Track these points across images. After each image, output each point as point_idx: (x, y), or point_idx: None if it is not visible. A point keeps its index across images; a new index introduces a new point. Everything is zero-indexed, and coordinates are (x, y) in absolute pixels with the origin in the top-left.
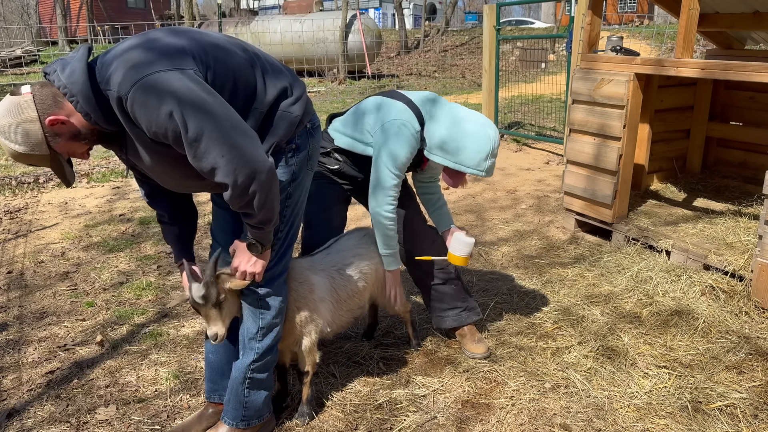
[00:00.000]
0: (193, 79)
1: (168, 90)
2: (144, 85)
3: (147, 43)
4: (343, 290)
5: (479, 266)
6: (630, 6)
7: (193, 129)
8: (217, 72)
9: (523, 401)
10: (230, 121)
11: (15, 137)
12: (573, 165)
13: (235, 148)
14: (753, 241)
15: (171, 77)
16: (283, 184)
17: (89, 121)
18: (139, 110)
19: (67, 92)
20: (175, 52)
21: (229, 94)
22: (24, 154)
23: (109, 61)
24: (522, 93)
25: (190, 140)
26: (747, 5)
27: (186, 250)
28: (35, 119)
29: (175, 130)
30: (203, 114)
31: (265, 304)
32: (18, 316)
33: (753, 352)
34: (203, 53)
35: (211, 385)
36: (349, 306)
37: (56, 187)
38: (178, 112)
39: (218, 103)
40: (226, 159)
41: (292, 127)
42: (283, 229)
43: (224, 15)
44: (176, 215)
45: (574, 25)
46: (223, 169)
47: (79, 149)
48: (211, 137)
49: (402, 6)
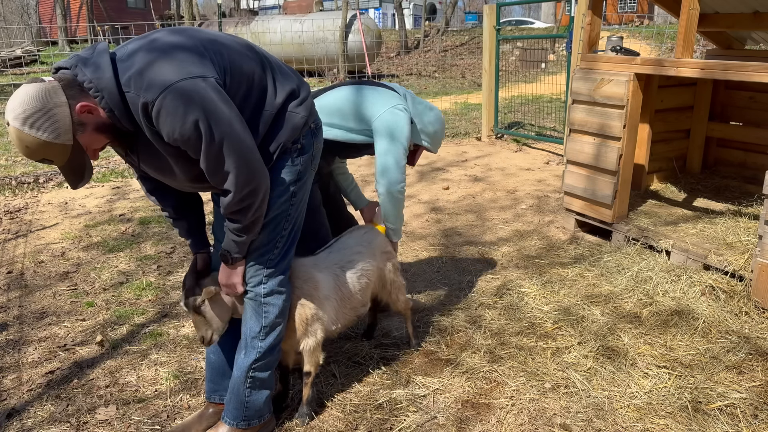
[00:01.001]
0: (215, 88)
1: (195, 99)
2: (172, 92)
3: (167, 47)
4: (346, 288)
5: (479, 266)
6: (630, 6)
7: (217, 139)
8: (232, 76)
9: (523, 401)
10: (245, 134)
11: (40, 123)
12: (573, 165)
13: (247, 161)
14: (753, 241)
15: (196, 86)
16: (288, 184)
17: (111, 118)
18: (165, 117)
19: (92, 87)
20: (197, 59)
21: (242, 98)
22: (47, 144)
23: (130, 62)
24: (522, 93)
25: (212, 149)
26: (747, 5)
27: (201, 239)
28: (65, 104)
29: (197, 138)
30: (224, 125)
31: (268, 303)
32: (18, 316)
33: (753, 352)
34: (220, 57)
35: (211, 386)
36: (352, 304)
37: (56, 187)
38: (204, 122)
39: (234, 114)
40: (238, 170)
41: (298, 128)
42: (287, 227)
43: (224, 15)
44: (181, 209)
45: (574, 25)
46: (232, 179)
47: (98, 144)
48: (229, 148)
49: (402, 6)
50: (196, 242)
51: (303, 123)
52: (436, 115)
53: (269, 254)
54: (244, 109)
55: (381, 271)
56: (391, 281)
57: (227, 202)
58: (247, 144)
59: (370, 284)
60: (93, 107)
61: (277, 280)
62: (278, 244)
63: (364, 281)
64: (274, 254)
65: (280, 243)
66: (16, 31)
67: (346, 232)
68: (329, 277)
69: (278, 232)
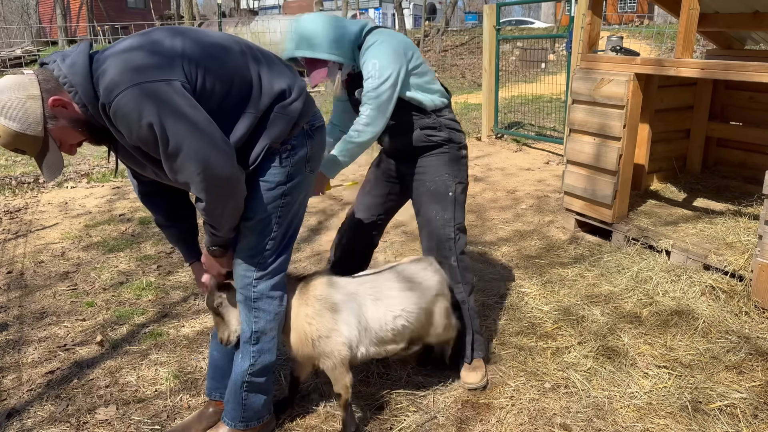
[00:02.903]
0: (178, 92)
1: (150, 102)
2: (125, 96)
3: (140, 47)
4: (375, 323)
5: (479, 266)
6: (630, 6)
7: (172, 144)
8: (212, 74)
9: (523, 401)
10: (209, 137)
11: (12, 113)
12: (573, 165)
13: (210, 167)
14: (753, 241)
15: (154, 89)
16: (277, 185)
17: (85, 114)
18: (121, 120)
19: (66, 82)
20: (165, 61)
21: (221, 96)
22: (17, 134)
23: (104, 60)
24: (522, 93)
25: (168, 154)
26: (747, 5)
27: (193, 249)
28: (37, 97)
29: (154, 141)
30: (183, 129)
31: (258, 307)
32: (18, 316)
33: (753, 352)
34: (199, 55)
35: (212, 383)
36: (381, 339)
37: (56, 187)
38: (158, 125)
39: (201, 118)
40: (201, 177)
41: (287, 128)
42: (277, 230)
43: (224, 15)
44: (173, 215)
45: (574, 25)
46: (197, 186)
47: (73, 139)
48: (188, 154)
49: (402, 6)
50: (188, 251)
51: (292, 123)
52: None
53: (258, 257)
54: (223, 111)
55: (429, 316)
56: (443, 325)
57: (201, 209)
58: (213, 149)
59: (410, 327)
60: (67, 102)
61: (268, 284)
62: (268, 246)
63: (400, 324)
64: (263, 257)
65: (270, 245)
66: (16, 31)
67: (407, 260)
68: (352, 303)
69: (266, 234)
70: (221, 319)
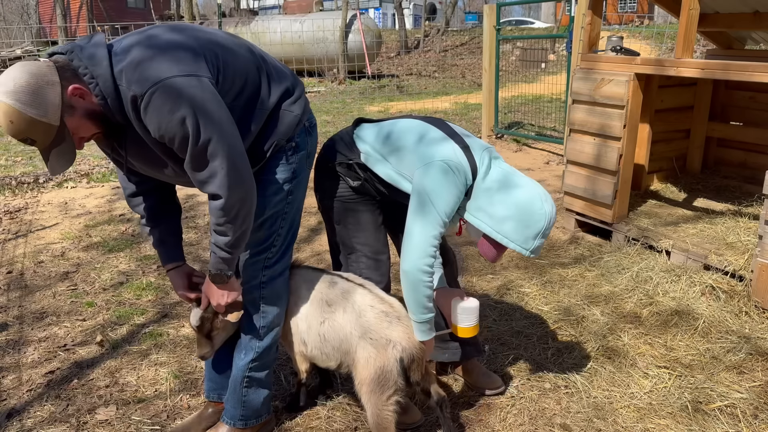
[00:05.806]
0: (207, 87)
1: (184, 96)
2: (161, 88)
3: (163, 43)
4: (321, 326)
5: (479, 266)
6: (630, 6)
7: (203, 138)
8: (226, 75)
9: (523, 401)
10: (235, 138)
11: (29, 98)
12: (573, 165)
13: (235, 165)
14: (753, 241)
15: (188, 83)
16: (284, 182)
17: (102, 108)
18: (153, 113)
19: (87, 73)
20: (191, 56)
21: (234, 96)
22: (33, 120)
23: (125, 53)
24: (522, 93)
25: (198, 148)
26: (747, 5)
27: (171, 252)
28: (57, 83)
29: (184, 136)
30: (213, 125)
31: (266, 303)
32: (18, 316)
33: (753, 352)
34: (214, 56)
35: (210, 384)
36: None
37: (56, 187)
38: (191, 119)
39: (225, 116)
40: (225, 172)
41: (292, 126)
42: (284, 226)
43: (224, 15)
44: (156, 215)
45: (574, 25)
46: (219, 181)
47: (86, 132)
48: (216, 148)
49: (402, 6)
50: (166, 253)
51: (297, 121)
52: (520, 199)
53: (267, 252)
54: (236, 108)
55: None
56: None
57: (217, 207)
58: (236, 148)
59: (335, 353)
60: (85, 92)
61: (275, 280)
62: (275, 242)
63: (329, 347)
64: (272, 252)
65: (277, 242)
66: (16, 31)
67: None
68: (315, 302)
69: (275, 230)
70: (208, 342)
